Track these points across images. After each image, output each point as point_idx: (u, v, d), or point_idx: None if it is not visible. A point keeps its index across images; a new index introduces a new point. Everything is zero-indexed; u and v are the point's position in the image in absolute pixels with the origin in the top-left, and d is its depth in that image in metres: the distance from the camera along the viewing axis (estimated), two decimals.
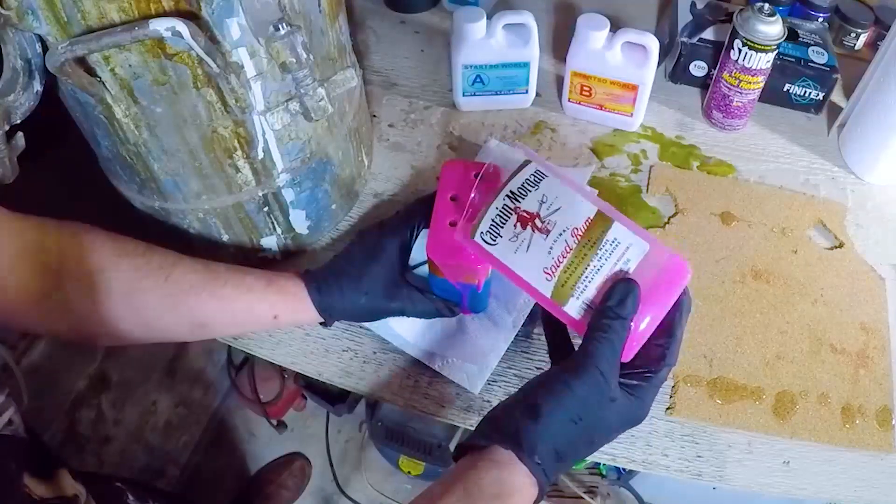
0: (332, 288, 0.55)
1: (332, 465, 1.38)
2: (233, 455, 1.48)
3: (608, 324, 0.42)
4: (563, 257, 0.44)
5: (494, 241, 0.46)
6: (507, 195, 0.46)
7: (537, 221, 0.45)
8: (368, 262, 0.56)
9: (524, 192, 0.46)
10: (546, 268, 0.44)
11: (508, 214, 0.46)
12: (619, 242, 0.44)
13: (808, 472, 0.55)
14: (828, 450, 0.56)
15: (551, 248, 0.44)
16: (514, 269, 0.46)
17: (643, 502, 1.06)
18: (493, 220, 0.46)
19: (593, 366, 0.41)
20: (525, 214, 0.45)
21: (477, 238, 0.47)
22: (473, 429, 0.45)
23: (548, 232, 0.45)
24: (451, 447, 1.14)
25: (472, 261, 0.50)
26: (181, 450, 1.39)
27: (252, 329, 0.61)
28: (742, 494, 0.57)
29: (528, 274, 0.45)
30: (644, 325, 0.43)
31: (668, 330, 0.44)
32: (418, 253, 0.57)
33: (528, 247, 0.45)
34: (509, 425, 0.41)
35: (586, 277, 0.43)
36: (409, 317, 0.58)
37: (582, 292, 0.44)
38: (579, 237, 0.44)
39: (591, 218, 0.44)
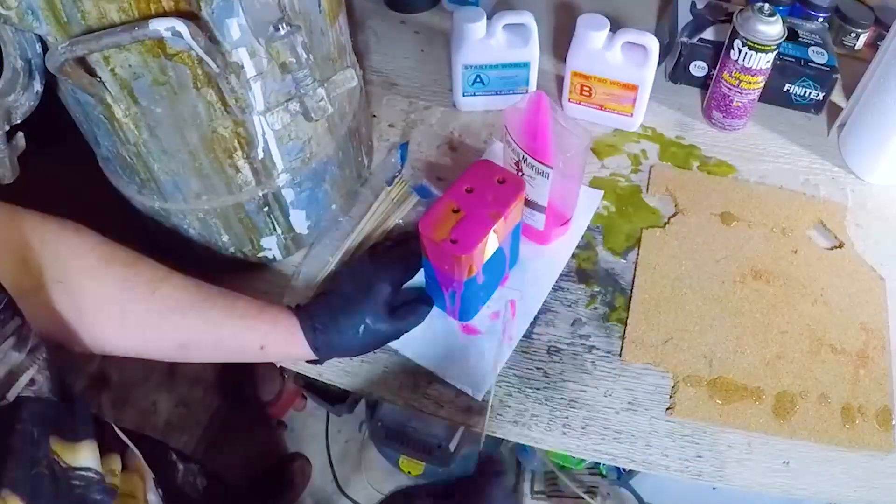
0: (328, 327, 0.54)
1: (332, 465, 1.38)
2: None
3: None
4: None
5: None
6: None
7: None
8: (363, 301, 0.55)
9: None
10: None
11: None
12: None
13: (808, 472, 0.55)
14: (828, 450, 0.56)
15: None
16: None
17: (643, 502, 1.06)
18: None
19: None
20: None
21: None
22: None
23: None
24: (451, 447, 1.14)
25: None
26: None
27: (236, 357, 0.55)
28: (742, 494, 0.57)
29: None
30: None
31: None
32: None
33: None
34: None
35: None
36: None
37: None
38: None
39: None
